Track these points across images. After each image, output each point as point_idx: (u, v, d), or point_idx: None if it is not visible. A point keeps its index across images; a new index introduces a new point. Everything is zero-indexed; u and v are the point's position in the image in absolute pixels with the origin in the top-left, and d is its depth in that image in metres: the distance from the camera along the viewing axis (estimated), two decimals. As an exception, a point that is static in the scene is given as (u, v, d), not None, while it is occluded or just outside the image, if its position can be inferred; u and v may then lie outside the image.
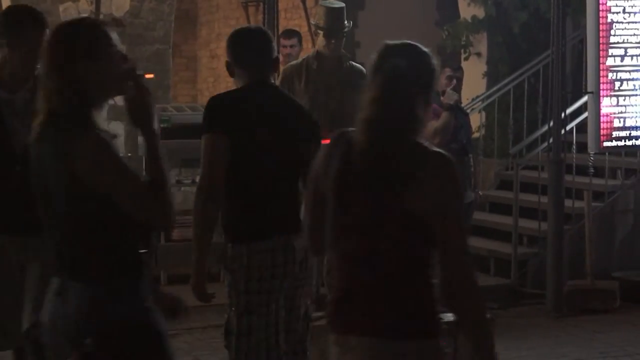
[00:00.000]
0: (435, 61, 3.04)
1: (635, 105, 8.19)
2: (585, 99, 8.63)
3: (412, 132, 2.95)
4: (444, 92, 7.33)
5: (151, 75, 3.26)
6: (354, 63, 6.89)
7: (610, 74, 8.06)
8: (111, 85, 3.05)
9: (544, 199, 8.32)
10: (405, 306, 2.94)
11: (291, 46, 8.64)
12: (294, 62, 6.96)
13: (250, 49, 4.35)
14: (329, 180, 3.00)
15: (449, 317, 3.01)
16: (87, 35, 3.03)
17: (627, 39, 8.14)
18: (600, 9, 8.00)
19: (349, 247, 3.00)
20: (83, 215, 3.00)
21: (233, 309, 4.23)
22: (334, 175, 2.99)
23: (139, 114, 3.04)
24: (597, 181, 8.73)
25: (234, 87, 4.46)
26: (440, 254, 2.92)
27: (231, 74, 4.42)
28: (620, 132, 8.17)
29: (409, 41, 3.09)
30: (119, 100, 3.18)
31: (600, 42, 8.02)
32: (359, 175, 2.95)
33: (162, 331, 3.11)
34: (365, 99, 2.97)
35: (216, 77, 14.03)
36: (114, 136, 3.11)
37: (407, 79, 2.95)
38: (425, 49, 3.05)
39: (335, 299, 3.06)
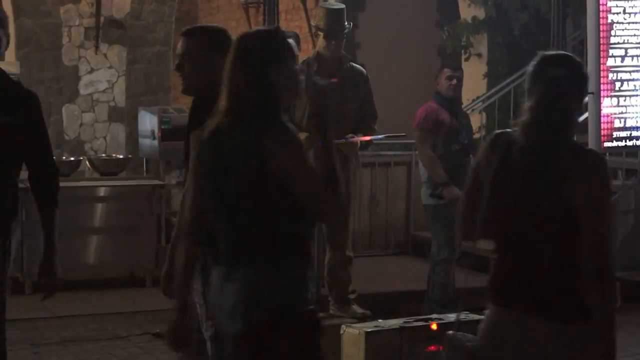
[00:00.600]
0: (586, 70, 3.47)
1: (636, 105, 8.18)
2: (585, 99, 8.62)
3: (569, 134, 3.37)
4: (444, 92, 7.34)
5: (335, 80, 3.35)
6: (354, 64, 6.91)
7: (610, 75, 8.06)
8: (294, 89, 3.39)
9: (545, 200, 8.30)
10: (567, 291, 3.25)
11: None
12: (294, 63, 6.95)
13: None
14: (488, 175, 3.37)
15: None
16: (278, 43, 3.38)
17: (628, 40, 8.13)
18: (601, 9, 7.99)
19: (507, 237, 3.37)
20: (265, 203, 3.27)
21: None
22: (494, 171, 3.36)
23: (318, 118, 3.37)
24: (597, 181, 8.72)
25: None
26: (585, 244, 3.22)
27: None
28: (621, 132, 8.16)
29: (563, 52, 3.56)
30: (119, 102, 3.19)
31: (601, 42, 8.01)
32: (518, 172, 3.32)
33: (318, 322, 3.37)
34: (527, 105, 3.35)
35: (217, 79, 14.01)
36: (297, 131, 3.44)
37: (567, 87, 3.35)
38: (578, 59, 3.47)
39: (498, 275, 3.40)
